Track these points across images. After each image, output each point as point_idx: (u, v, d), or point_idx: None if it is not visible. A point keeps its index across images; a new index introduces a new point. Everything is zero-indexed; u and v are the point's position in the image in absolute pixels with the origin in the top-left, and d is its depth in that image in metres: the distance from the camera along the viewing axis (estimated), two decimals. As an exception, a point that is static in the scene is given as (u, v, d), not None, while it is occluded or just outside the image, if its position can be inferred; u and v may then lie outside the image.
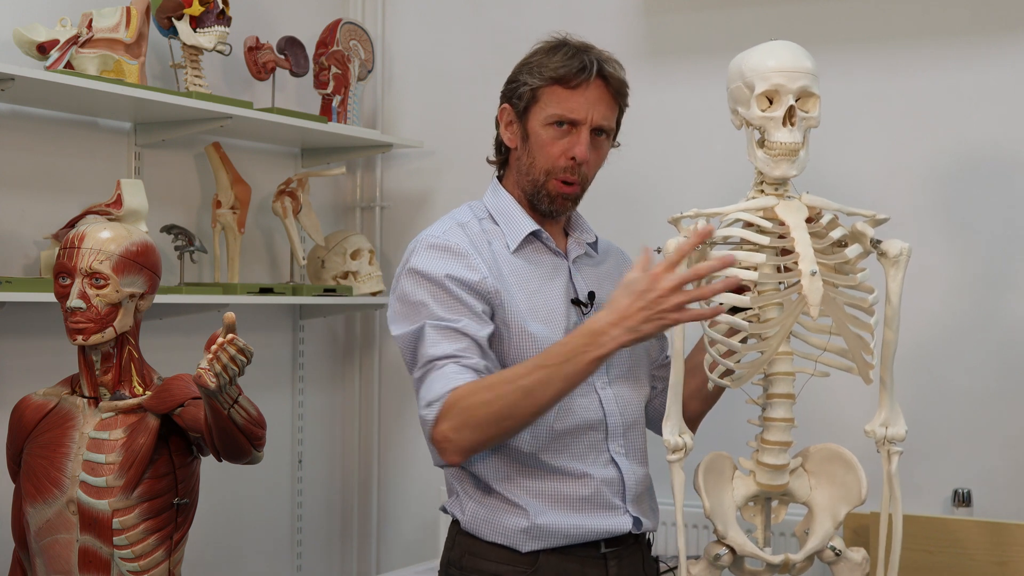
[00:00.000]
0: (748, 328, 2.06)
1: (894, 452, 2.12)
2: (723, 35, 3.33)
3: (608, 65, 2.21)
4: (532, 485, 2.15)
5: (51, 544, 2.38)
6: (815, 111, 2.09)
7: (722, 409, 2.41)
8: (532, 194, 2.23)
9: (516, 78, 2.25)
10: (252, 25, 3.40)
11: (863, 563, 2.15)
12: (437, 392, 2.05)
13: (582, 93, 2.18)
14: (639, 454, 2.27)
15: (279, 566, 3.62)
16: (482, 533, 2.16)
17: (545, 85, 2.20)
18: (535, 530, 2.13)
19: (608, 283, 2.31)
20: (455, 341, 2.08)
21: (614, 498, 2.19)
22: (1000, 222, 3.04)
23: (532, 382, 1.99)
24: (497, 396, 2.00)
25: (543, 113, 2.20)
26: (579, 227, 2.35)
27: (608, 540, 2.19)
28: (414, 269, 2.15)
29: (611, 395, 2.23)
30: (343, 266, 3.51)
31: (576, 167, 2.20)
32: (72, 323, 2.35)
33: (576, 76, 2.18)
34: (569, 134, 2.19)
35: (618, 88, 2.23)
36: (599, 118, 2.20)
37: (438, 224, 2.25)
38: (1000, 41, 3.05)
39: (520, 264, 2.22)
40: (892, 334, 2.11)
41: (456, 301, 2.11)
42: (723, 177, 3.23)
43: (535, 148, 2.21)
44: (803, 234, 2.04)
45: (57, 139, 2.96)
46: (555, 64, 2.19)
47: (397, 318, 2.17)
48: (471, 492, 2.19)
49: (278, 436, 3.56)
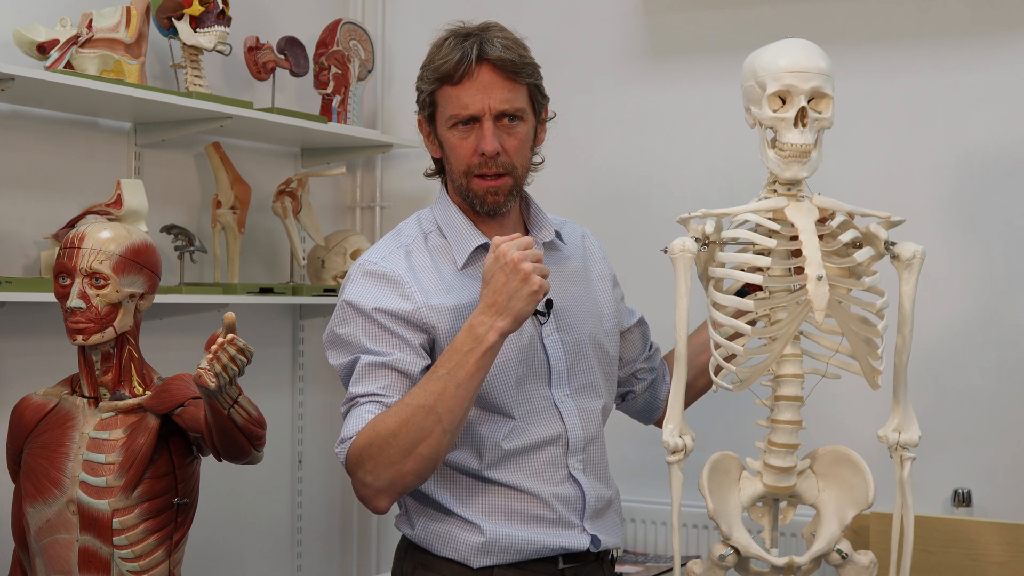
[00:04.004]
0: (751, 331, 2.05)
1: (907, 458, 2.08)
2: (723, 35, 3.33)
3: (490, 46, 2.07)
4: (485, 502, 2.08)
5: (51, 544, 2.38)
6: (828, 112, 2.04)
7: (730, 410, 2.40)
8: (464, 199, 2.14)
9: (418, 86, 2.15)
10: (252, 25, 3.39)
11: (870, 567, 2.11)
12: (349, 431, 2.00)
13: (469, 85, 2.06)
14: (599, 470, 2.19)
15: (279, 566, 3.62)
16: (434, 548, 2.10)
17: (436, 88, 2.10)
18: (488, 546, 2.07)
19: (575, 284, 2.23)
20: (381, 378, 2.01)
21: (571, 515, 2.12)
22: (1001, 222, 3.04)
23: (429, 397, 1.92)
24: (401, 423, 1.93)
25: (443, 117, 2.10)
26: (538, 223, 2.23)
27: (566, 556, 2.12)
28: (347, 301, 2.09)
29: (572, 407, 2.15)
30: (343, 266, 3.51)
31: (491, 159, 2.08)
32: (72, 323, 2.35)
33: (456, 69, 2.06)
34: (473, 131, 2.09)
35: (510, 67, 2.08)
36: (497, 104, 2.07)
37: (381, 245, 2.17)
38: (1001, 41, 3.05)
39: (468, 283, 2.11)
40: (904, 339, 2.07)
41: (388, 334, 2.04)
42: (723, 177, 3.23)
43: (449, 153, 2.13)
44: (811, 237, 2.00)
45: (57, 139, 2.96)
46: (438, 62, 2.08)
47: (331, 348, 2.11)
48: (421, 509, 2.12)
49: (278, 436, 3.56)
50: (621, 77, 3.47)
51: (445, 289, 2.10)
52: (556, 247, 2.24)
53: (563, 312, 2.17)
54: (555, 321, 2.16)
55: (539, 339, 2.14)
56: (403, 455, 1.95)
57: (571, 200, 3.33)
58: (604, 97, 3.51)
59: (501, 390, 2.08)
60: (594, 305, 2.25)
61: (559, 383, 2.14)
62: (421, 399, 1.94)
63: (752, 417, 2.18)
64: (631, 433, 2.81)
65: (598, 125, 3.51)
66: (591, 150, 3.51)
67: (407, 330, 2.04)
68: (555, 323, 2.16)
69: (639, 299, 2.61)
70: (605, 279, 2.31)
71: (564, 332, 2.17)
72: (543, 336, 2.15)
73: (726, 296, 2.09)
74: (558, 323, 2.17)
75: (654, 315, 2.50)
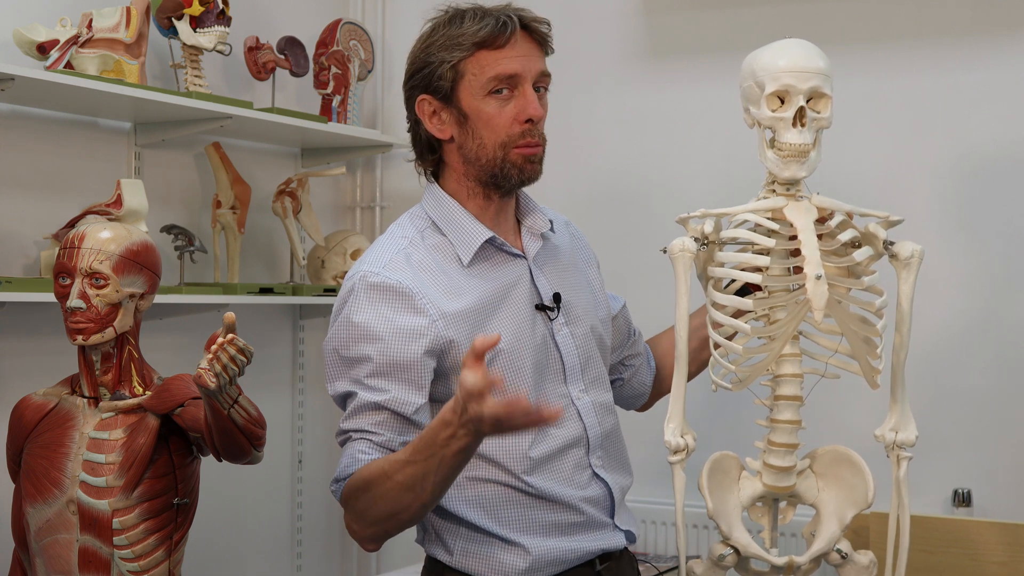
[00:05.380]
0: (750, 331, 2.05)
1: (903, 457, 2.08)
2: (723, 35, 3.33)
3: (525, 15, 2.03)
4: (520, 516, 2.02)
5: (51, 544, 2.38)
6: (827, 112, 2.04)
7: (730, 409, 2.40)
8: (493, 175, 2.03)
9: (426, 62, 2.03)
10: (252, 25, 3.39)
11: (870, 566, 2.11)
12: (342, 471, 1.94)
13: (512, 48, 2.00)
14: (619, 461, 2.17)
15: (279, 566, 3.62)
16: (477, 570, 2.01)
17: (468, 55, 1.99)
18: (535, 563, 2.01)
19: (571, 274, 2.17)
20: (373, 414, 1.93)
21: (601, 515, 2.10)
22: (1001, 222, 3.04)
23: (406, 478, 1.83)
24: (380, 494, 1.87)
25: (476, 85, 1.99)
26: (530, 212, 2.13)
27: (601, 556, 2.11)
28: (351, 321, 1.96)
29: (588, 404, 2.11)
30: (343, 266, 3.51)
31: (534, 128, 2.02)
32: (72, 323, 2.35)
33: (501, 33, 1.98)
34: (513, 97, 2.00)
35: (543, 37, 2.05)
36: (537, 69, 2.02)
37: (379, 251, 2.04)
38: (1001, 41, 3.05)
39: (476, 283, 2.03)
40: (902, 338, 2.07)
41: (391, 365, 1.93)
42: (723, 177, 3.23)
43: (479, 126, 2.01)
44: (810, 237, 2.00)
45: (57, 139, 2.96)
46: (470, 30, 1.99)
47: (331, 372, 2.01)
48: (455, 530, 2.03)
49: (278, 436, 3.56)
50: (621, 77, 3.48)
51: (455, 293, 2.00)
52: (547, 237, 2.16)
53: (570, 305, 2.13)
54: (564, 315, 2.11)
55: (551, 336, 2.09)
56: (386, 519, 1.91)
57: (571, 200, 3.33)
58: (604, 97, 3.51)
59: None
60: (590, 294, 2.21)
61: (574, 378, 2.10)
62: (400, 476, 1.85)
63: (752, 417, 2.18)
64: (630, 433, 2.80)
65: (598, 125, 3.51)
66: (591, 150, 3.51)
67: (414, 354, 1.94)
68: (564, 317, 2.11)
69: (639, 298, 2.61)
70: (592, 266, 2.27)
71: (573, 325, 2.12)
72: (554, 333, 2.09)
73: (726, 295, 2.09)
74: (567, 317, 2.12)
75: (654, 314, 2.50)
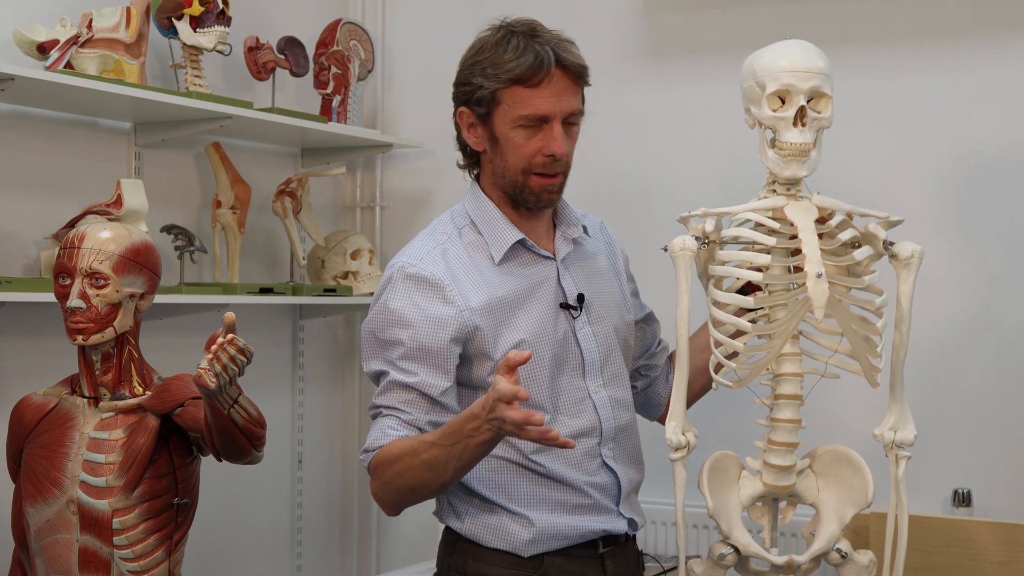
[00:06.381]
0: (751, 329, 2.05)
1: (902, 457, 2.09)
2: (723, 35, 3.33)
3: (563, 51, 2.11)
4: (530, 492, 2.15)
5: (51, 544, 2.38)
6: (827, 111, 2.06)
7: (730, 409, 2.40)
8: (514, 194, 2.17)
9: (468, 80, 2.14)
10: (252, 25, 3.39)
11: (870, 566, 2.11)
12: (371, 443, 2.09)
13: (545, 88, 2.09)
14: (632, 456, 2.27)
15: (279, 566, 3.62)
16: (485, 540, 2.16)
17: (504, 87, 2.10)
18: (539, 535, 2.14)
19: (601, 278, 2.28)
20: (404, 393, 2.09)
21: (607, 501, 2.20)
22: (1000, 223, 3.04)
23: (431, 458, 2.00)
24: (406, 468, 2.03)
25: (508, 116, 2.11)
26: (566, 219, 2.27)
27: (605, 540, 2.20)
28: (387, 307, 2.12)
29: (605, 398, 2.21)
30: (343, 266, 3.51)
31: (554, 161, 2.13)
32: (72, 323, 2.35)
33: (536, 73, 2.08)
34: (540, 131, 2.11)
35: (579, 72, 2.13)
36: (567, 108, 2.12)
37: (418, 245, 2.19)
38: (1001, 41, 3.05)
39: (505, 279, 2.16)
40: (901, 337, 2.08)
41: (420, 350, 2.08)
42: (723, 177, 3.23)
43: (507, 150, 2.13)
44: (811, 235, 2.02)
45: (57, 139, 2.96)
46: (509, 63, 2.08)
47: (366, 352, 2.17)
48: (468, 501, 2.18)
49: (278, 436, 3.56)
50: (621, 77, 3.47)
51: (485, 285, 2.14)
52: (581, 241, 2.28)
53: (593, 305, 2.23)
54: (587, 315, 2.22)
55: (572, 332, 2.20)
56: (408, 491, 2.08)
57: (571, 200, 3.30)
58: (604, 97, 3.50)
59: (537, 385, 2.13)
60: (620, 297, 2.32)
61: (593, 374, 2.20)
62: (425, 455, 2.01)
63: (752, 416, 2.18)
64: (631, 433, 2.81)
65: (598, 125, 3.49)
66: (591, 150, 3.49)
67: (442, 342, 2.09)
68: (587, 316, 2.22)
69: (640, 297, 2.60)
70: (621, 272, 2.37)
71: (595, 324, 2.23)
72: (576, 330, 2.20)
73: (726, 294, 2.09)
74: (589, 316, 2.22)
75: (655, 313, 2.50)
